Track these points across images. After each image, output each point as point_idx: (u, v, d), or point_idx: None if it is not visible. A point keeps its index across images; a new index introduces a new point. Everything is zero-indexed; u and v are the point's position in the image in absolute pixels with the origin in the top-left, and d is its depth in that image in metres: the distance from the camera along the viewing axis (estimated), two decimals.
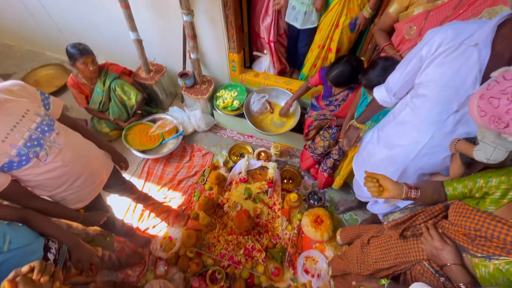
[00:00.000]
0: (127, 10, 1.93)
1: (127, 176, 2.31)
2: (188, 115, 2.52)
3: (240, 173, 2.19)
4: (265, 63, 2.40)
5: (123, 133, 2.28)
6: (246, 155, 2.25)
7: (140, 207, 2.11)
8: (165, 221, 2.08)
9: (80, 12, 2.42)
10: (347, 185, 2.19)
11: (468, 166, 1.01)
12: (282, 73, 2.56)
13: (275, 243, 1.93)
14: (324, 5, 1.88)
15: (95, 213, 1.35)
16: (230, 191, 2.16)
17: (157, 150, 2.36)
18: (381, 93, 1.22)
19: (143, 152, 2.29)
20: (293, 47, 2.39)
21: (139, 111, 2.41)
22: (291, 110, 2.27)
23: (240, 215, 1.85)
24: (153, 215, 2.10)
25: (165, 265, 1.85)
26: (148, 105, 2.64)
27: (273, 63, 2.42)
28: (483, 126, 0.72)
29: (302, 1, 1.93)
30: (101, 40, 2.60)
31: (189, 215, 2.09)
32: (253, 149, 2.47)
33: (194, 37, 2.00)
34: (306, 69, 2.28)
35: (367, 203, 1.71)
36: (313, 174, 2.26)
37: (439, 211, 0.96)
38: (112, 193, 1.69)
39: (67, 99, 2.80)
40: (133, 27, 2.05)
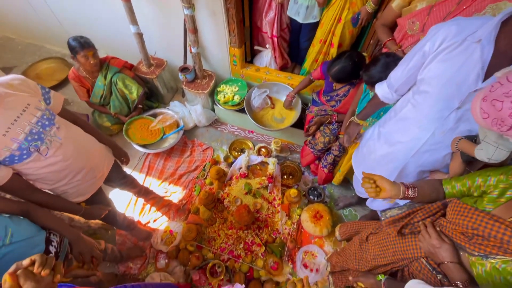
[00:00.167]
0: (127, 3, 1.91)
1: (128, 170, 2.32)
2: (189, 110, 2.52)
3: (240, 168, 2.19)
4: (266, 58, 2.38)
5: (124, 128, 2.28)
6: (246, 151, 2.25)
7: (141, 201, 2.13)
8: (166, 215, 2.10)
9: (80, 5, 2.40)
10: (347, 181, 2.19)
11: (468, 164, 1.00)
12: (283, 68, 2.54)
13: (274, 237, 1.95)
14: None
15: (96, 206, 1.37)
16: (230, 186, 2.17)
17: (158, 144, 2.36)
18: (383, 90, 1.21)
19: (144, 146, 2.30)
20: (295, 42, 2.37)
21: (140, 106, 2.41)
22: (292, 104, 2.26)
23: (240, 210, 1.86)
24: (154, 209, 2.12)
25: (166, 258, 1.87)
26: (149, 100, 2.63)
27: (275, 58, 2.39)
28: (485, 127, 0.72)
29: None
30: (101, 33, 2.58)
31: (190, 210, 2.11)
32: (254, 145, 2.47)
33: (195, 31, 1.98)
34: (307, 64, 2.26)
35: (366, 199, 1.72)
36: (313, 170, 2.26)
37: (437, 209, 0.96)
38: (113, 187, 1.70)
39: (68, 93, 2.80)
40: (134, 21, 2.03)
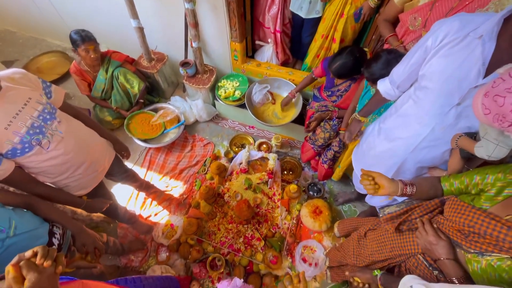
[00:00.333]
0: None
1: (129, 164, 2.34)
2: (189, 105, 2.52)
3: (241, 163, 2.20)
4: (267, 52, 2.37)
5: (125, 122, 2.29)
6: (247, 146, 2.26)
7: (142, 195, 2.15)
8: (167, 209, 2.12)
9: None
10: (347, 177, 2.20)
11: (467, 161, 1.01)
12: (285, 63, 2.52)
13: (274, 232, 1.96)
14: None
15: (97, 200, 1.38)
16: (230, 181, 2.19)
17: (159, 139, 2.37)
18: (385, 86, 1.21)
19: (145, 141, 2.31)
20: (297, 37, 2.35)
21: (142, 100, 2.41)
22: (294, 99, 2.25)
23: (240, 205, 1.87)
24: (155, 203, 2.14)
25: (167, 251, 1.90)
26: (149, 94, 2.63)
27: (277, 53, 2.38)
28: (486, 123, 0.71)
29: None
30: (102, 27, 2.57)
31: (190, 204, 2.13)
32: (254, 140, 2.47)
33: (196, 25, 1.97)
34: (309, 59, 2.24)
35: (365, 195, 1.73)
36: (313, 165, 2.26)
37: (435, 206, 0.96)
38: (114, 181, 1.72)
39: (69, 87, 2.81)
40: (135, 15, 2.02)
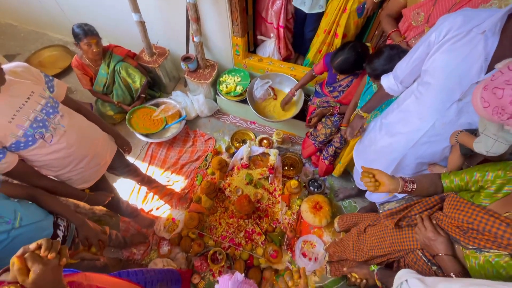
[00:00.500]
0: None
1: (131, 159, 2.35)
2: (191, 100, 2.51)
3: (242, 159, 2.21)
4: (269, 48, 2.35)
5: (127, 117, 2.29)
6: (248, 142, 2.26)
7: (144, 189, 2.17)
8: (168, 204, 2.14)
9: None
10: (347, 173, 2.20)
11: (467, 159, 1.01)
12: (286, 59, 2.51)
13: (274, 227, 1.98)
14: None
15: (100, 193, 1.40)
16: (231, 176, 2.20)
17: (160, 134, 2.38)
18: (388, 81, 1.20)
19: (146, 136, 2.31)
20: (299, 32, 2.33)
21: (143, 95, 2.41)
22: (295, 97, 2.25)
23: (241, 200, 1.89)
24: (156, 197, 2.16)
25: (168, 245, 1.93)
26: (151, 89, 2.64)
27: (279, 49, 2.36)
28: (486, 117, 0.71)
29: None
30: (103, 21, 2.56)
31: (192, 198, 2.15)
32: (255, 136, 2.47)
33: (197, 19, 1.96)
34: (311, 54, 2.23)
35: (366, 191, 1.73)
36: (314, 161, 2.27)
37: (434, 203, 0.97)
38: (116, 175, 1.73)
39: (71, 81, 2.81)
40: (136, 8, 2.01)
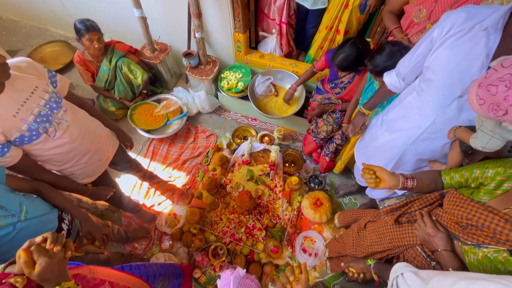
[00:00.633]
0: None
1: (133, 155, 2.36)
2: (192, 96, 2.52)
3: (243, 155, 2.22)
4: (271, 44, 2.34)
5: (129, 112, 2.30)
6: (249, 138, 2.27)
7: (146, 185, 2.19)
8: (170, 199, 2.16)
9: None
10: (348, 170, 2.21)
11: (467, 156, 1.01)
12: (288, 55, 2.50)
13: (275, 223, 2.00)
14: None
15: (102, 187, 1.42)
16: (233, 172, 2.21)
17: (162, 130, 2.39)
18: (391, 78, 1.21)
19: (148, 131, 2.32)
20: (301, 29, 2.31)
21: (145, 91, 2.42)
22: (296, 94, 2.24)
23: (242, 196, 1.90)
24: (158, 193, 2.18)
25: (170, 240, 1.95)
26: (152, 85, 2.64)
27: (281, 45, 2.35)
28: (482, 115, 0.72)
29: None
30: (105, 16, 2.55)
31: (193, 194, 2.16)
32: (257, 132, 2.48)
33: (199, 15, 1.95)
34: (312, 50, 2.22)
35: (366, 188, 1.74)
36: (315, 158, 2.27)
37: (434, 199, 0.98)
38: (118, 170, 1.75)
39: (73, 77, 2.81)
40: (138, 4, 2.00)
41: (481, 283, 0.52)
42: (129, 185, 2.19)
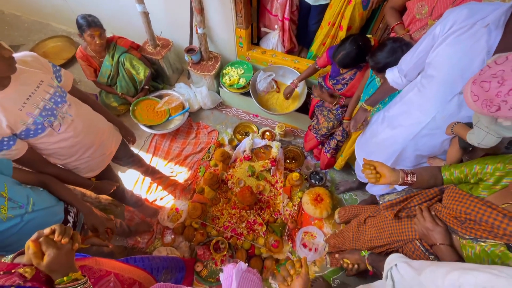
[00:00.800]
0: None
1: (135, 150, 2.38)
2: (194, 92, 2.52)
3: (244, 151, 2.23)
4: (273, 40, 2.34)
5: (131, 108, 2.31)
6: (251, 134, 2.28)
7: (148, 180, 2.21)
8: (172, 194, 2.18)
9: None
10: (349, 167, 2.22)
11: (468, 153, 1.02)
12: (290, 51, 2.50)
13: (275, 218, 2.02)
14: None
15: (105, 181, 1.44)
16: (234, 168, 2.23)
17: (164, 125, 2.40)
18: (393, 74, 1.21)
19: (150, 127, 2.33)
20: (303, 25, 2.31)
21: (147, 87, 2.42)
22: (298, 90, 2.25)
23: (243, 191, 1.92)
24: (160, 188, 2.20)
25: (172, 234, 1.97)
26: (154, 81, 2.64)
27: (283, 41, 2.34)
28: (477, 111, 0.73)
29: None
30: (107, 12, 2.55)
31: (195, 189, 2.18)
32: (258, 129, 2.49)
33: (201, 11, 1.95)
34: (314, 47, 2.22)
35: (366, 184, 1.76)
36: (316, 154, 2.29)
37: (434, 194, 0.99)
38: (121, 165, 1.77)
39: (75, 72, 2.82)
40: None
41: (473, 273, 0.54)
42: (131, 180, 2.21)
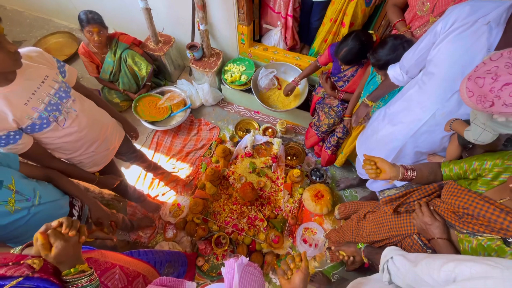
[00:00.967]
0: None
1: (138, 146, 2.39)
2: (196, 89, 2.53)
3: (245, 147, 2.25)
4: (275, 37, 2.34)
5: (133, 104, 2.32)
6: (252, 131, 2.29)
7: (150, 175, 2.23)
8: (174, 190, 2.20)
9: None
10: (349, 164, 2.24)
11: (468, 151, 1.03)
12: (292, 48, 2.50)
13: (276, 214, 2.04)
14: None
15: (109, 176, 1.46)
16: (235, 164, 2.24)
17: (165, 122, 2.41)
18: (394, 71, 1.22)
19: (152, 123, 2.35)
20: (305, 22, 2.31)
21: (149, 83, 2.43)
22: (300, 87, 2.25)
23: (244, 187, 1.93)
24: (162, 183, 2.22)
25: (174, 229, 2.00)
26: (156, 77, 2.65)
27: (285, 38, 2.34)
28: (472, 107, 0.75)
29: None
30: (109, 8, 2.55)
31: (196, 185, 2.20)
32: (259, 125, 2.50)
33: (203, 7, 1.95)
34: (316, 43, 2.22)
35: (367, 181, 1.77)
36: (316, 151, 2.30)
37: (433, 190, 1.00)
38: (124, 160, 1.78)
39: (77, 68, 2.78)
40: None
41: (468, 264, 0.55)
42: (134, 175, 2.23)
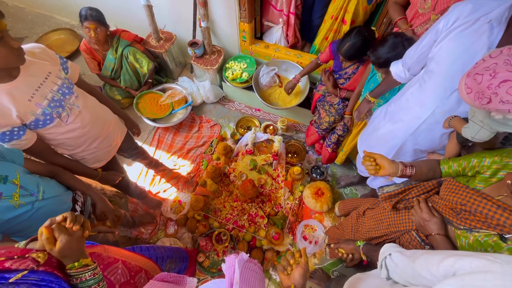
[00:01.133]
0: None
1: (139, 143, 2.39)
2: (197, 86, 2.54)
3: (246, 145, 2.26)
4: (276, 34, 2.34)
5: (134, 101, 2.33)
6: (253, 128, 2.30)
7: (151, 172, 2.24)
8: (175, 187, 2.22)
9: None
10: (349, 161, 2.25)
11: (467, 150, 1.04)
12: (293, 46, 2.50)
13: (277, 211, 2.05)
14: None
15: (111, 172, 1.48)
16: (236, 161, 2.26)
17: (167, 119, 2.42)
18: (397, 68, 1.23)
19: (153, 120, 2.36)
20: (306, 19, 2.30)
21: (150, 80, 2.44)
22: (301, 85, 2.25)
23: (245, 184, 1.95)
24: (163, 180, 2.24)
25: (175, 225, 2.01)
26: (157, 74, 2.66)
27: (287, 36, 2.34)
28: (470, 104, 0.75)
29: None
30: (111, 5, 2.55)
31: (197, 182, 2.21)
32: (260, 123, 2.51)
33: (205, 4, 1.95)
34: (317, 41, 2.22)
35: (367, 179, 1.78)
36: (317, 149, 2.31)
37: (432, 187, 1.01)
38: (126, 157, 1.80)
39: (78, 64, 2.81)
40: None
41: (468, 259, 0.56)
42: (135, 172, 2.25)
